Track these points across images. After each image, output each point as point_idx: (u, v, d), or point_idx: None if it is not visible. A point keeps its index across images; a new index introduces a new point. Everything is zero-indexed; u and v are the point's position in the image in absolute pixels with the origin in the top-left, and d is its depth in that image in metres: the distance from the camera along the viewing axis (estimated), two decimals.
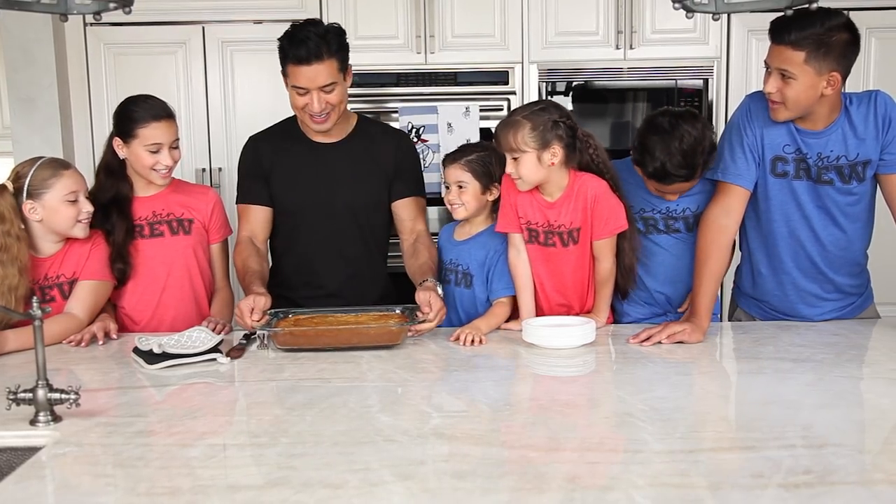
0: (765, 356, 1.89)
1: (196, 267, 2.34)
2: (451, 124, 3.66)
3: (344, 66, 2.19)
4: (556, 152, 2.06)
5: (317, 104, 2.16)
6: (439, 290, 2.08)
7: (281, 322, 2.04)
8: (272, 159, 2.32)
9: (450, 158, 2.23)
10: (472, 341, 2.01)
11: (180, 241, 2.31)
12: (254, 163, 2.34)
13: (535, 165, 2.06)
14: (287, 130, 2.35)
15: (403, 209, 2.36)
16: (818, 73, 1.95)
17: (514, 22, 3.70)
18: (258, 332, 2.00)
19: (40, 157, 2.16)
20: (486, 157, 2.20)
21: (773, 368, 1.78)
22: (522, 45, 3.71)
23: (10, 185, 2.12)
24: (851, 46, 1.96)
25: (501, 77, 3.73)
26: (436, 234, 2.43)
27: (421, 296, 2.04)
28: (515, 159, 2.06)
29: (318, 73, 2.12)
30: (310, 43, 2.10)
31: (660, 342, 1.96)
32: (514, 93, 3.70)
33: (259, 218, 2.33)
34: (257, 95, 3.77)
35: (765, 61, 2.04)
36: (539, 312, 2.20)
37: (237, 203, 2.38)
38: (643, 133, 2.11)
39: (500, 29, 3.71)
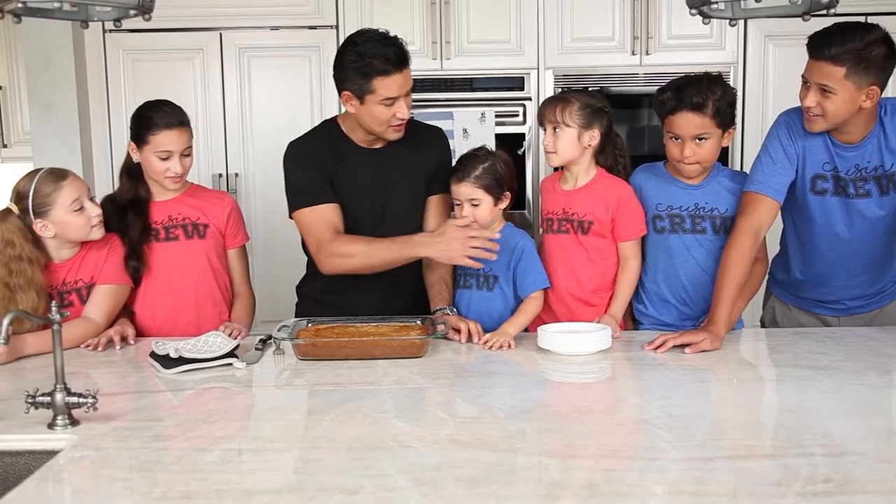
0: (783, 363, 1.87)
1: (210, 271, 2.34)
2: (467, 130, 3.67)
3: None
4: (594, 136, 2.18)
5: (405, 109, 2.14)
6: (449, 313, 2.17)
7: (301, 332, 2.04)
8: (334, 165, 2.24)
9: (457, 176, 2.17)
10: (501, 346, 2.02)
11: (195, 245, 2.31)
12: (317, 165, 2.23)
13: (573, 142, 2.17)
14: (333, 135, 2.28)
15: (434, 205, 2.33)
16: (858, 88, 1.96)
17: (529, 28, 3.70)
18: (274, 338, 2.01)
19: (37, 171, 2.13)
20: (492, 166, 2.16)
21: (791, 376, 1.77)
22: (538, 51, 3.71)
23: (14, 208, 2.10)
24: (890, 59, 1.97)
25: (517, 83, 3.73)
26: None
27: (452, 321, 2.11)
28: (556, 131, 2.16)
29: (406, 77, 2.12)
30: (395, 49, 2.09)
31: (683, 350, 1.94)
32: (529, 98, 3.70)
33: (336, 216, 2.20)
34: (273, 101, 3.79)
35: (802, 75, 2.04)
36: (550, 308, 2.22)
37: (299, 209, 2.20)
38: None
39: (515, 35, 3.71)
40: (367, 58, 2.08)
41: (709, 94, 2.10)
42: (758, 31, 3.67)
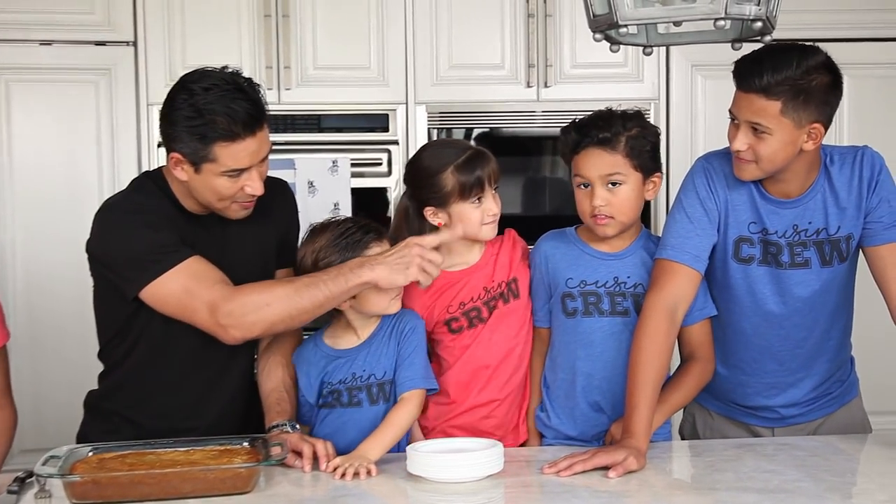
0: (722, 486, 1.93)
1: None
2: (314, 183, 3.68)
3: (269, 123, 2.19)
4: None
5: (258, 182, 2.12)
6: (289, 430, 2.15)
7: (78, 465, 1.95)
8: (177, 233, 2.18)
9: (380, 235, 2.22)
10: (357, 474, 1.99)
11: None
12: (165, 223, 2.17)
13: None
14: (164, 197, 2.23)
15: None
16: (797, 126, 2.05)
17: (395, 51, 3.77)
18: (37, 475, 1.91)
19: None
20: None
21: (734, 502, 1.82)
22: (407, 81, 3.78)
23: None
24: (834, 90, 2.08)
25: (380, 121, 3.78)
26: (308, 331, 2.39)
27: (292, 440, 2.07)
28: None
29: (261, 141, 2.10)
30: (247, 105, 2.06)
31: (605, 473, 1.96)
32: (395, 142, 3.76)
33: (214, 266, 2.14)
34: (45, 141, 3.69)
35: (729, 110, 2.13)
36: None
37: (161, 274, 2.09)
38: None
39: (377, 60, 3.77)
40: (206, 114, 2.05)
41: (621, 128, 2.22)
42: (683, 59, 3.87)
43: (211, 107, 2.05)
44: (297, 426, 2.18)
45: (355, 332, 2.25)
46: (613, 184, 2.22)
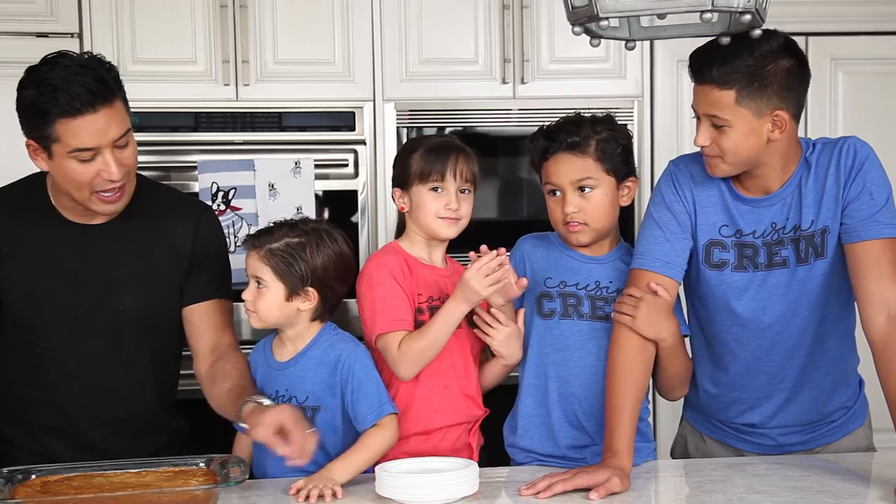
0: None
1: None
2: (275, 185, 3.67)
3: (128, 107, 2.18)
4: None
5: (115, 167, 2.11)
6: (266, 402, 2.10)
7: (19, 489, 1.94)
8: (9, 240, 2.24)
9: (250, 242, 2.23)
10: (321, 496, 1.99)
11: None
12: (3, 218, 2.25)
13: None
14: (27, 199, 2.28)
15: (200, 317, 2.36)
16: (757, 115, 2.08)
17: (361, 45, 3.76)
18: None
19: None
20: (299, 246, 2.20)
21: None
22: (374, 77, 3.77)
23: None
24: (797, 74, 2.11)
25: (345, 120, 3.77)
26: (249, 346, 2.41)
27: (260, 432, 2.01)
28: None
29: (109, 120, 2.08)
30: (81, 79, 2.06)
31: (588, 495, 1.97)
32: (362, 142, 3.75)
33: None
34: None
35: (692, 107, 2.18)
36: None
37: None
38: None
39: (342, 54, 3.77)
40: (46, 91, 2.07)
41: (590, 132, 2.27)
42: (668, 54, 3.87)
43: (51, 82, 2.07)
44: (263, 394, 2.17)
45: (286, 344, 2.27)
46: (584, 189, 2.26)
